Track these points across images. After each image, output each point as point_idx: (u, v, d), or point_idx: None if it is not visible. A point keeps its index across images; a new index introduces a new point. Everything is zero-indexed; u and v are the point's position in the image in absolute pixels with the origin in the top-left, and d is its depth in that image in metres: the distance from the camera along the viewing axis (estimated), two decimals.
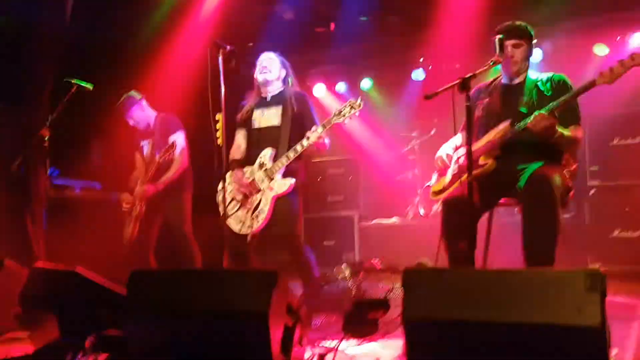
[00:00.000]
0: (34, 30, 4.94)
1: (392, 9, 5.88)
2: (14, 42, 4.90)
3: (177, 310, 2.24)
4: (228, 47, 3.15)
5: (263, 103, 3.58)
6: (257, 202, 3.36)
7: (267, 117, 3.51)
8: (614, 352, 2.14)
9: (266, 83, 3.55)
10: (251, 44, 5.43)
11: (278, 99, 3.54)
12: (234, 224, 3.42)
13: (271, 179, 3.35)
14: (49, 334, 2.62)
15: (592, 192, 4.81)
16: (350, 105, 3.25)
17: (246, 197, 3.38)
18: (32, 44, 5.02)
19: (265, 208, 3.34)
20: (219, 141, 3.18)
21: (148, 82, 4.37)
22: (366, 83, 6.75)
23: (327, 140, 3.42)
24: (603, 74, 2.59)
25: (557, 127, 2.67)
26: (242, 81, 3.74)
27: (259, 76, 3.56)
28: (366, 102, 6.84)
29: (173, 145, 3.88)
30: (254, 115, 3.57)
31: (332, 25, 6.23)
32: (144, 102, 4.21)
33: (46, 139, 3.86)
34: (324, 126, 3.27)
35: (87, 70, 4.28)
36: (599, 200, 4.73)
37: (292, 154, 3.31)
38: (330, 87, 6.98)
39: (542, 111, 2.67)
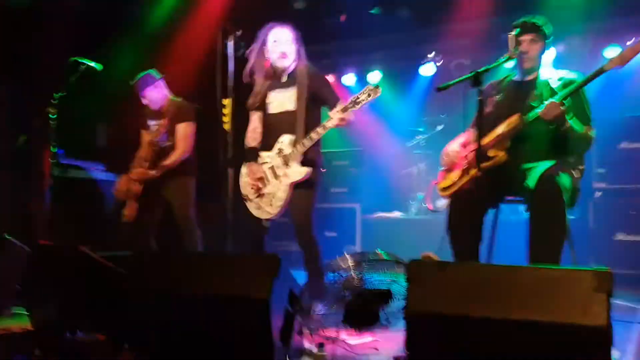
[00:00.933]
0: (45, 9, 4.93)
1: (403, 2, 5.84)
2: (24, 20, 4.89)
3: (178, 293, 2.24)
4: (238, 32, 3.13)
5: (277, 84, 3.41)
6: (275, 189, 3.30)
7: (282, 101, 3.36)
8: (615, 355, 2.12)
9: (284, 68, 3.36)
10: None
11: (291, 80, 3.37)
12: (253, 207, 3.38)
13: (288, 166, 3.28)
14: (49, 312, 2.61)
15: (597, 194, 4.79)
16: (368, 92, 3.08)
17: (259, 187, 3.33)
18: (43, 23, 5.01)
19: (282, 195, 3.27)
20: (226, 126, 3.15)
21: (157, 64, 4.33)
22: (375, 76, 6.71)
23: (351, 117, 3.18)
24: (613, 60, 2.59)
25: (566, 117, 2.65)
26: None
27: (275, 60, 3.35)
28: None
29: (173, 147, 3.86)
30: (269, 99, 3.42)
31: (343, 17, 6.19)
32: (162, 82, 4.17)
33: (52, 117, 3.85)
34: (339, 113, 3.11)
35: (96, 50, 4.26)
36: (604, 203, 4.71)
37: (307, 142, 3.22)
38: (339, 79, 6.95)
39: (554, 99, 2.63)
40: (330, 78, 6.87)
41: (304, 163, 3.27)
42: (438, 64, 6.30)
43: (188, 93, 4.37)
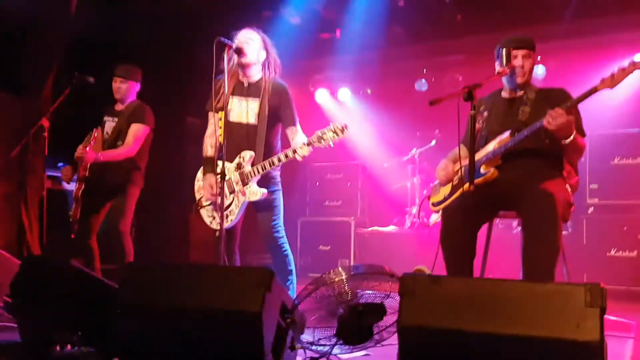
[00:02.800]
0: (39, 22, 4.94)
1: (396, 19, 5.90)
2: (18, 32, 4.90)
3: (168, 306, 2.21)
4: (234, 46, 3.14)
5: (241, 91, 3.33)
6: (229, 202, 3.26)
7: (244, 112, 3.31)
8: None
9: (244, 66, 3.27)
10: None
11: (256, 90, 3.30)
12: (205, 216, 3.38)
13: (245, 185, 3.25)
14: (39, 325, 2.58)
15: (590, 210, 4.82)
16: (333, 130, 3.03)
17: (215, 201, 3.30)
18: (36, 35, 5.02)
19: (236, 210, 3.27)
20: (220, 138, 3.15)
21: (150, 77, 4.34)
22: (368, 91, 6.77)
23: (308, 151, 3.13)
24: (604, 80, 2.61)
25: (573, 127, 2.66)
26: None
27: (240, 65, 3.26)
28: (368, 110, 6.92)
29: (95, 133, 3.81)
30: (231, 105, 3.31)
31: (338, 32, 6.25)
32: (137, 88, 4.20)
33: (46, 129, 3.85)
34: (301, 148, 3.08)
35: (90, 62, 4.27)
36: (597, 219, 4.73)
37: (268, 165, 3.19)
38: (333, 93, 6.99)
39: (560, 107, 2.63)
40: (324, 92, 6.92)
41: (263, 181, 3.29)
42: (431, 80, 6.35)
43: (178, 106, 4.38)
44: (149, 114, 4.11)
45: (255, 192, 3.24)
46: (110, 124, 4.10)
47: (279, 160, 3.18)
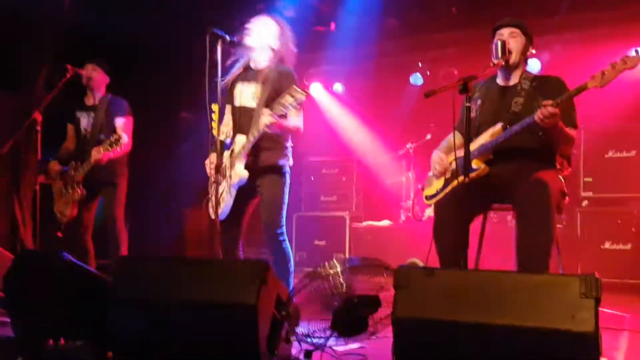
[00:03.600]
0: (32, 15, 4.90)
1: (392, 12, 5.88)
2: (10, 27, 4.86)
3: (163, 299, 2.21)
4: (227, 38, 3.11)
5: (245, 76, 3.29)
6: (222, 190, 3.19)
7: (246, 96, 3.26)
8: None
9: (250, 49, 3.21)
10: None
11: (259, 75, 3.24)
12: (210, 208, 3.29)
13: (232, 168, 3.17)
14: (31, 320, 2.57)
15: (584, 203, 4.82)
16: (290, 94, 2.94)
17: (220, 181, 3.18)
18: (29, 29, 4.98)
19: (227, 197, 3.19)
20: (215, 132, 3.12)
21: (144, 69, 4.32)
22: (363, 84, 6.75)
23: (294, 122, 3.14)
24: (594, 77, 2.55)
25: (559, 120, 2.64)
26: None
27: (254, 41, 3.21)
28: (362, 104, 6.90)
29: (119, 138, 3.79)
30: (236, 90, 3.29)
31: (333, 25, 6.22)
32: (107, 80, 4.20)
33: (38, 123, 3.82)
34: (270, 114, 2.99)
35: (83, 56, 4.24)
36: (591, 212, 4.74)
37: (247, 145, 3.12)
38: (328, 87, 6.97)
39: (549, 106, 2.60)
40: (319, 86, 6.90)
41: (268, 159, 3.20)
42: (427, 73, 6.34)
43: (174, 98, 4.37)
44: (128, 105, 4.15)
45: (238, 174, 3.14)
46: (86, 119, 4.10)
47: (252, 135, 3.08)
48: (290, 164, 3.34)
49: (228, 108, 3.33)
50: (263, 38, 3.24)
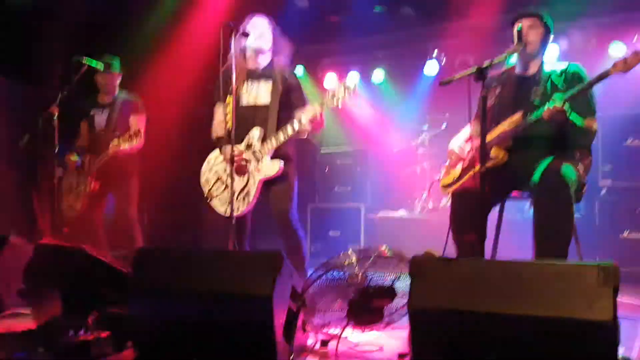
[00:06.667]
0: (48, 9, 4.94)
1: (406, 0, 5.83)
2: (27, 20, 4.91)
3: (180, 290, 2.23)
4: (241, 30, 3.12)
5: (252, 76, 3.33)
6: (244, 184, 3.21)
7: (257, 94, 3.29)
8: (620, 350, 2.10)
9: (260, 51, 3.29)
10: None
11: (268, 73, 3.31)
12: (219, 205, 3.31)
13: (259, 161, 3.20)
14: (52, 311, 2.61)
15: (603, 191, 4.76)
16: (344, 87, 3.04)
17: (236, 173, 3.20)
18: (46, 23, 5.02)
19: (252, 190, 3.20)
20: (229, 125, 3.13)
21: (159, 63, 4.34)
22: (378, 74, 6.69)
23: (316, 111, 3.18)
24: (617, 64, 2.56)
25: (567, 116, 2.62)
26: None
27: (252, 43, 3.26)
28: (378, 94, 6.87)
29: (138, 133, 3.82)
30: (242, 90, 3.31)
31: (346, 15, 6.18)
32: (119, 78, 4.25)
33: (55, 116, 3.86)
34: (316, 108, 3.07)
35: (98, 50, 4.27)
36: (610, 200, 4.68)
37: (282, 136, 3.14)
38: (342, 78, 6.93)
39: (557, 100, 2.60)
40: (333, 76, 6.87)
41: (275, 156, 3.21)
42: (442, 62, 6.28)
43: (187, 92, 4.38)
44: (141, 103, 4.19)
45: (271, 166, 3.18)
46: (100, 116, 4.14)
47: (292, 130, 3.12)
48: (296, 156, 3.39)
49: (222, 108, 3.31)
50: (267, 38, 3.30)
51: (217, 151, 3.38)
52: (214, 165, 3.40)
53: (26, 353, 2.36)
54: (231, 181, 2.99)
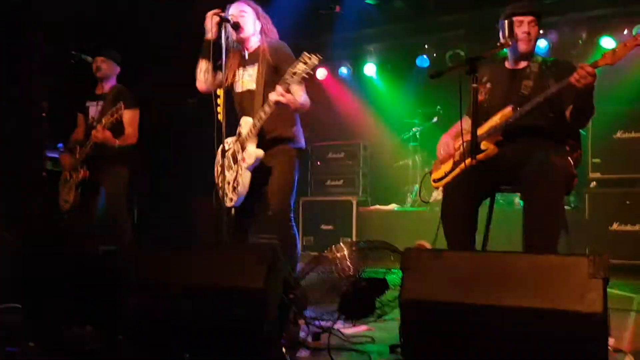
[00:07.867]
0: (33, 2, 4.89)
1: None
2: (12, 14, 4.85)
3: (172, 284, 2.22)
4: (232, 21, 3.09)
5: (242, 62, 3.30)
6: (234, 175, 3.16)
7: (245, 80, 3.24)
8: (611, 342, 2.12)
9: (244, 40, 3.23)
10: None
11: (254, 57, 3.23)
12: (225, 196, 3.24)
13: (244, 150, 3.12)
14: (43, 307, 2.59)
15: (592, 184, 4.80)
16: (303, 61, 2.87)
17: (229, 167, 3.16)
18: (32, 16, 4.97)
19: (241, 180, 3.12)
20: (220, 117, 3.11)
21: (149, 54, 4.31)
22: (370, 68, 6.69)
23: (302, 98, 3.08)
24: (605, 55, 2.55)
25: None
26: None
27: (233, 34, 3.18)
28: (369, 87, 6.87)
29: (120, 107, 3.76)
30: (236, 77, 3.27)
31: (337, 8, 6.17)
32: (118, 71, 4.21)
33: (44, 110, 3.83)
34: (278, 88, 2.94)
35: (87, 42, 4.24)
36: (600, 193, 4.71)
37: (257, 123, 3.06)
38: (333, 71, 6.92)
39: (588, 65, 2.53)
40: (324, 70, 6.85)
41: (276, 142, 3.16)
42: (434, 55, 6.29)
43: (177, 83, 4.35)
44: (136, 97, 4.14)
45: (252, 154, 3.09)
46: (94, 108, 4.11)
47: (265, 113, 3.02)
48: (301, 146, 3.28)
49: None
50: (251, 24, 3.22)
51: (230, 139, 3.25)
52: (221, 158, 3.35)
53: (16, 347, 2.35)
54: (222, 175, 2.97)
